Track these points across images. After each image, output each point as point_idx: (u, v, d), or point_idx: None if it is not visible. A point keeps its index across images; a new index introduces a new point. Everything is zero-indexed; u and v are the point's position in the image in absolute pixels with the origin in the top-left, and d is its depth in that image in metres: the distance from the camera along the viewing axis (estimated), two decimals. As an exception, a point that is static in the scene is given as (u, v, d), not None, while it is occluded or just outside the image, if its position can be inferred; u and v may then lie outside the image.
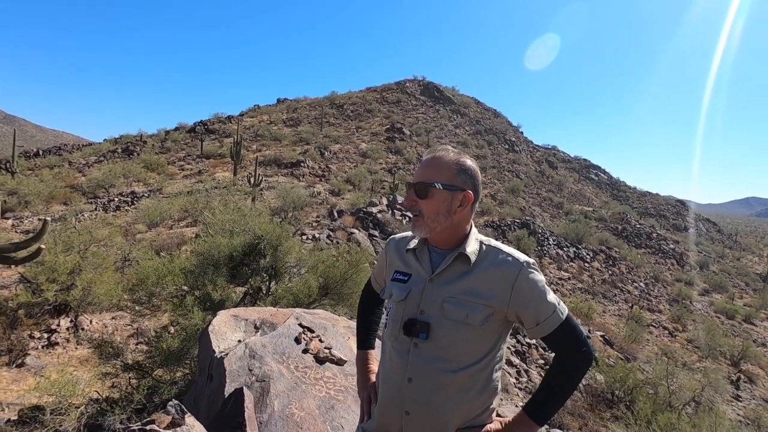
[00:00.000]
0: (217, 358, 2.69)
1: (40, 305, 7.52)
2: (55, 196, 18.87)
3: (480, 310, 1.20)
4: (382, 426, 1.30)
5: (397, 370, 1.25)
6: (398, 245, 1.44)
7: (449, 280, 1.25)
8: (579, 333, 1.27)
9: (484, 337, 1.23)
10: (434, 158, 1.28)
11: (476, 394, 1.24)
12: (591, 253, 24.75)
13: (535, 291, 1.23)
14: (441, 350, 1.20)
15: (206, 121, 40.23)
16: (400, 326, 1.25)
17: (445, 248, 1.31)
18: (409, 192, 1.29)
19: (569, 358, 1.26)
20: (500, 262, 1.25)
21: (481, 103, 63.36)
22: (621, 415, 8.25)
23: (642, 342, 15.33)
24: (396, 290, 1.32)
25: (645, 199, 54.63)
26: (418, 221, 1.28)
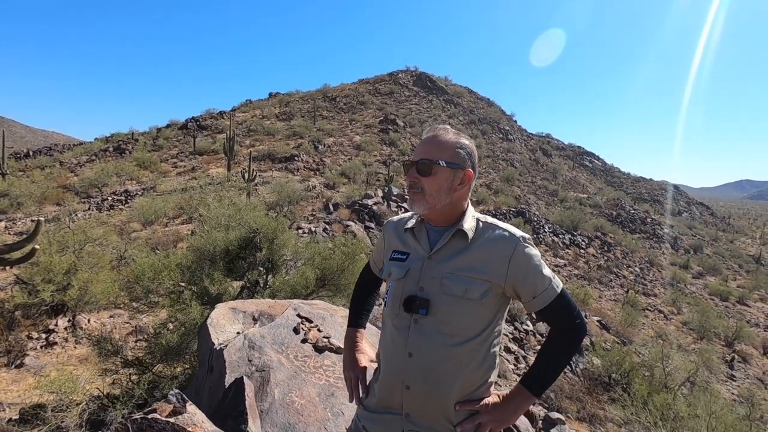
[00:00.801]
0: (217, 350, 2.71)
1: (37, 306, 7.49)
2: (47, 197, 18.70)
3: (478, 285, 1.23)
4: (383, 401, 1.32)
5: (397, 346, 1.27)
6: (396, 226, 1.46)
7: (448, 256, 1.28)
8: (573, 306, 1.32)
9: (482, 312, 1.26)
10: (435, 136, 1.30)
11: (475, 367, 1.27)
12: (586, 239, 24.92)
13: (531, 265, 1.26)
14: (441, 325, 1.23)
15: (198, 117, 39.88)
16: (400, 303, 1.27)
17: (442, 226, 1.34)
18: (410, 169, 1.31)
19: (565, 330, 1.30)
20: (497, 238, 1.29)
21: (474, 93, 63.21)
22: (618, 397, 8.38)
23: (638, 326, 15.53)
24: (395, 268, 1.34)
25: (639, 184, 54.98)
26: (418, 198, 1.29)
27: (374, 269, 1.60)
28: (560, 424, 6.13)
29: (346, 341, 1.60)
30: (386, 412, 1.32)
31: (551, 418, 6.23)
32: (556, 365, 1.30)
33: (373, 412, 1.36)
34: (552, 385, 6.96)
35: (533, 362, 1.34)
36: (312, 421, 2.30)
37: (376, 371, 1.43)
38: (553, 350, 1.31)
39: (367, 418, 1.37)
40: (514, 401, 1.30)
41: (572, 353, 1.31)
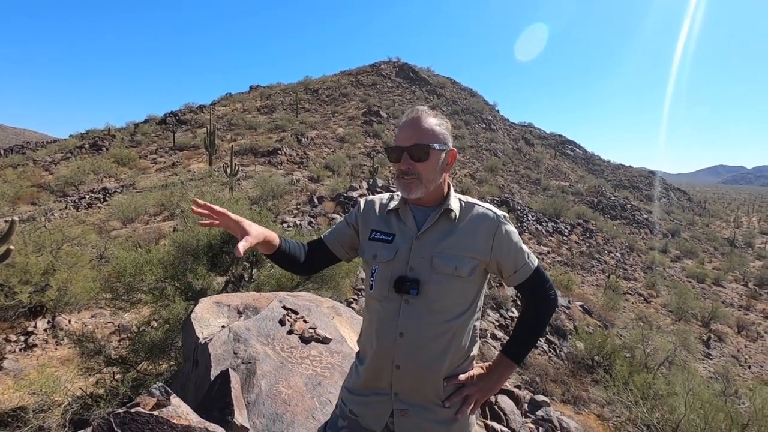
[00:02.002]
0: (202, 344, 2.68)
1: (14, 308, 7.29)
2: (21, 196, 18.11)
3: (467, 263, 1.27)
4: (370, 382, 1.33)
5: (387, 327, 1.28)
6: (376, 206, 1.44)
7: (436, 236, 1.30)
8: (547, 278, 1.40)
9: (469, 288, 1.30)
10: (420, 119, 1.30)
11: (462, 343, 1.31)
12: (569, 226, 25.38)
13: (513, 241, 1.33)
14: (432, 303, 1.25)
15: (177, 111, 38.99)
16: (389, 285, 1.28)
17: (428, 206, 1.36)
18: (401, 155, 1.28)
19: (541, 300, 1.38)
20: (481, 217, 1.33)
21: (457, 83, 63.27)
22: (600, 378, 8.62)
23: (619, 309, 15.94)
24: (381, 251, 1.33)
25: (619, 171, 56.08)
26: (415, 184, 1.29)
27: (332, 247, 1.47)
28: (545, 406, 6.28)
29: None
30: (373, 393, 1.33)
31: (537, 401, 6.38)
32: (533, 334, 1.39)
33: (360, 395, 1.36)
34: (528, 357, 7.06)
35: (512, 333, 1.42)
36: (300, 411, 2.30)
37: (359, 354, 1.44)
38: (531, 321, 1.38)
39: (353, 402, 1.37)
40: (497, 371, 1.37)
41: (547, 322, 1.39)
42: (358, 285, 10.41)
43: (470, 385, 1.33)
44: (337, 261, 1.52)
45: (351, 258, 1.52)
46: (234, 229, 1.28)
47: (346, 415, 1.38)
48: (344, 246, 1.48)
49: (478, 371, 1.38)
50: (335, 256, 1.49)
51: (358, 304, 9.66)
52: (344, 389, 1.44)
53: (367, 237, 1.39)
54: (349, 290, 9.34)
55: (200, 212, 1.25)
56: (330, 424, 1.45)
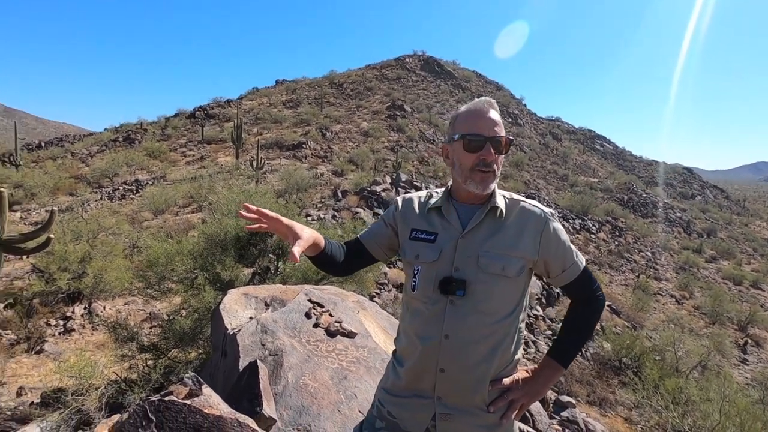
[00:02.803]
0: (230, 335, 2.74)
1: (54, 294, 7.67)
2: (60, 187, 18.97)
3: (515, 262, 1.23)
4: (412, 384, 1.29)
5: (431, 329, 1.24)
6: (416, 204, 1.39)
7: (482, 234, 1.26)
8: (595, 279, 1.35)
9: (516, 288, 1.26)
10: (493, 111, 1.26)
11: (509, 345, 1.27)
12: (597, 224, 24.69)
13: (561, 240, 1.28)
14: (479, 304, 1.21)
15: (205, 106, 39.92)
16: (434, 286, 1.24)
17: (473, 204, 1.31)
18: (485, 146, 1.23)
19: (589, 301, 1.33)
20: (528, 214, 1.28)
21: (483, 77, 62.28)
22: (628, 381, 8.38)
23: (649, 310, 15.45)
24: (425, 250, 1.28)
25: (651, 168, 54.07)
26: (491, 177, 1.25)
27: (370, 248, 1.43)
28: (571, 407, 6.15)
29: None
30: (414, 395, 1.29)
31: (562, 402, 6.26)
32: (581, 337, 1.33)
33: (399, 396, 1.32)
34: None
35: (558, 336, 1.36)
36: (326, 404, 2.32)
37: (396, 354, 1.39)
38: (578, 322, 1.34)
39: (392, 403, 1.33)
40: (544, 374, 1.32)
41: (595, 324, 1.34)
42: (381, 279, 10.45)
43: (516, 390, 1.29)
44: (374, 261, 1.47)
45: (389, 258, 1.48)
46: (286, 234, 1.24)
47: (384, 416, 1.34)
48: (382, 246, 1.43)
49: (524, 375, 1.33)
50: (372, 257, 1.44)
51: (380, 299, 9.69)
52: (381, 389, 1.40)
53: (408, 236, 1.34)
54: (373, 284, 9.38)
55: (249, 216, 1.22)
56: (366, 425, 1.41)
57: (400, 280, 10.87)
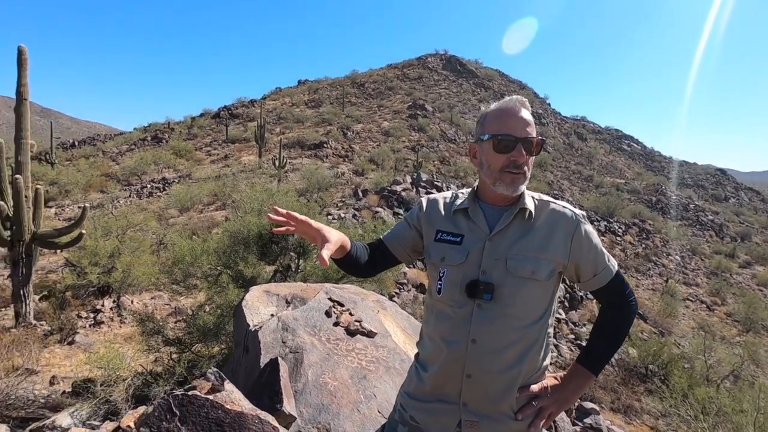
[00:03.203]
0: (252, 331, 2.77)
1: (85, 287, 7.97)
2: (92, 185, 19.70)
3: (545, 265, 1.19)
4: (436, 389, 1.26)
5: (458, 333, 1.21)
6: (441, 205, 1.36)
7: (510, 237, 1.22)
8: (627, 283, 1.29)
9: (545, 292, 1.22)
10: (525, 110, 1.22)
11: (537, 351, 1.23)
12: (623, 226, 24.02)
13: (593, 243, 1.24)
14: (507, 308, 1.18)
15: (230, 106, 40.76)
16: (461, 289, 1.21)
17: (501, 205, 1.27)
18: (516, 147, 1.19)
19: (621, 307, 1.28)
20: (558, 216, 1.24)
21: (506, 76, 61.41)
22: (655, 389, 8.11)
23: (677, 316, 14.93)
24: (451, 252, 1.25)
25: (681, 169, 52.20)
26: (521, 178, 1.21)
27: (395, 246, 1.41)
28: (594, 414, 6.00)
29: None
30: (439, 401, 1.26)
31: (585, 408, 6.11)
32: (613, 343, 1.28)
33: (423, 401, 1.29)
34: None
35: (588, 341, 1.31)
36: (345, 403, 2.32)
37: (419, 358, 1.36)
38: (610, 328, 1.29)
39: (415, 408, 1.30)
40: (574, 382, 1.27)
41: (627, 331, 1.28)
42: (400, 279, 10.43)
43: (544, 397, 1.24)
44: (397, 263, 1.44)
45: (412, 260, 1.44)
46: (314, 237, 1.22)
47: (406, 421, 1.32)
48: (405, 248, 1.40)
49: (552, 382, 1.28)
50: (396, 258, 1.42)
51: (400, 299, 9.68)
52: (404, 393, 1.37)
53: (433, 238, 1.31)
54: (392, 284, 9.37)
55: (278, 219, 1.21)
56: (388, 429, 1.38)
57: (419, 281, 10.82)
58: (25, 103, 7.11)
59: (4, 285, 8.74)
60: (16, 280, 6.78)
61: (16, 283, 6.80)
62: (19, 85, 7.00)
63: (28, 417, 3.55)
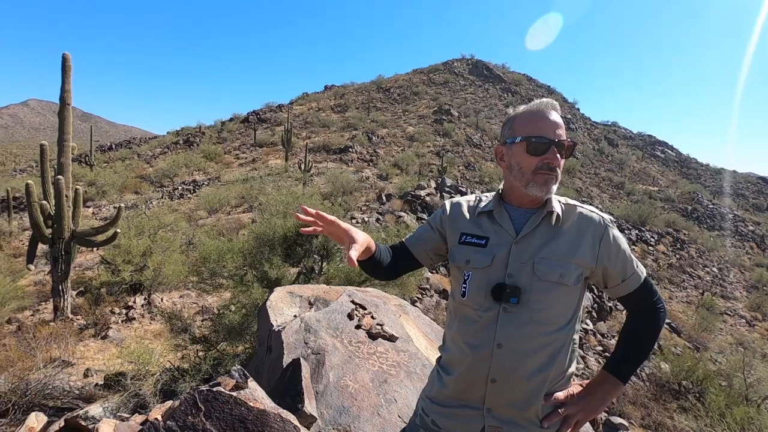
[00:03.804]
0: (275, 331, 2.82)
1: (118, 284, 8.29)
2: (127, 186, 20.53)
3: (573, 270, 1.18)
4: (459, 394, 1.25)
5: (482, 338, 1.19)
6: (465, 207, 1.35)
7: (538, 240, 1.21)
8: (656, 290, 1.26)
9: (572, 297, 1.20)
10: (555, 113, 1.23)
11: (563, 357, 1.20)
12: (656, 235, 23.13)
13: (621, 248, 1.22)
14: (534, 313, 1.16)
15: (258, 110, 41.71)
16: (486, 292, 1.19)
17: (527, 207, 1.26)
18: (550, 149, 1.19)
19: (650, 314, 1.25)
20: (586, 220, 1.23)
21: (534, 80, 60.47)
22: (689, 406, 7.74)
23: (714, 331, 14.23)
24: (476, 255, 1.24)
25: (720, 177, 49.88)
26: (553, 179, 1.21)
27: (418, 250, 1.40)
28: (623, 429, 5.78)
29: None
30: (462, 406, 1.24)
31: (613, 423, 5.89)
32: (642, 350, 1.25)
33: (445, 406, 1.27)
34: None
35: (616, 349, 1.28)
36: (365, 406, 2.32)
37: (442, 362, 1.34)
38: (638, 335, 1.25)
39: (438, 413, 1.29)
40: (601, 390, 1.24)
41: (656, 338, 1.25)
42: (423, 284, 10.37)
43: (571, 405, 1.21)
44: (420, 266, 1.43)
45: (434, 264, 1.44)
46: (341, 237, 1.23)
47: (428, 426, 1.30)
48: (428, 251, 1.39)
49: (578, 389, 1.26)
50: (418, 262, 1.41)
51: (422, 303, 9.62)
52: (425, 398, 1.35)
53: (457, 241, 1.30)
54: (415, 289, 9.33)
55: (306, 219, 1.21)
56: None
57: (442, 286, 10.72)
58: (67, 108, 7.49)
59: (45, 280, 9.20)
60: (56, 276, 7.13)
61: (55, 278, 7.14)
62: (62, 91, 7.39)
63: (63, 407, 3.72)
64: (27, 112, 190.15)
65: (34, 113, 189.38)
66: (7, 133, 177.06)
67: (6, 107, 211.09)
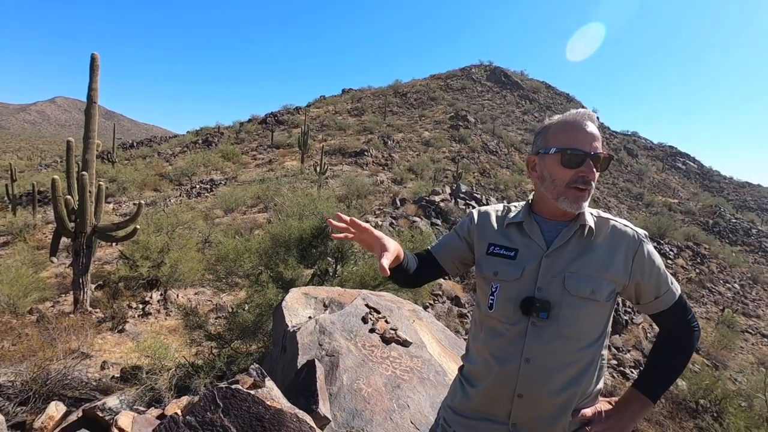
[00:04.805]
0: (290, 332, 2.84)
1: (136, 279, 8.46)
2: (147, 183, 20.98)
3: (606, 285, 1.15)
4: (484, 407, 1.23)
5: (510, 352, 1.17)
6: (494, 217, 1.33)
7: (569, 254, 1.18)
8: (690, 308, 1.23)
9: (603, 313, 1.18)
10: (592, 125, 1.20)
11: (592, 374, 1.18)
12: (675, 249, 22.61)
13: (656, 264, 1.19)
14: (564, 329, 1.14)
15: (276, 112, 42.21)
16: (515, 305, 1.17)
17: (559, 220, 1.23)
18: (586, 162, 1.16)
19: (684, 333, 1.22)
20: (620, 234, 1.20)
21: (552, 88, 59.91)
22: (707, 426, 7.53)
23: (735, 349, 13.81)
24: (505, 267, 1.21)
25: (743, 190, 48.55)
26: (586, 195, 1.17)
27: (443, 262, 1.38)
28: (637, 446, 5.64)
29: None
30: (486, 419, 1.23)
31: (627, 439, 5.75)
32: (674, 369, 1.21)
33: (468, 418, 1.26)
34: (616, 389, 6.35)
35: (646, 366, 1.25)
36: (378, 410, 2.32)
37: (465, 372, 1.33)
38: (672, 353, 1.22)
39: (460, 424, 1.27)
40: (631, 408, 1.20)
41: (689, 357, 1.22)
42: (435, 290, 10.33)
43: (598, 422, 1.19)
44: (444, 275, 1.41)
45: (459, 272, 1.42)
46: (372, 245, 1.23)
47: None
48: (454, 259, 1.37)
49: (606, 407, 1.23)
50: (443, 270, 1.39)
51: (434, 309, 9.58)
52: (447, 408, 1.34)
53: (485, 251, 1.27)
54: (428, 295, 9.30)
55: (338, 225, 1.22)
56: None
57: (454, 293, 10.66)
58: (94, 106, 7.71)
59: (66, 273, 9.44)
60: (77, 269, 7.31)
61: (76, 271, 7.32)
62: (90, 89, 7.60)
63: (81, 397, 3.80)
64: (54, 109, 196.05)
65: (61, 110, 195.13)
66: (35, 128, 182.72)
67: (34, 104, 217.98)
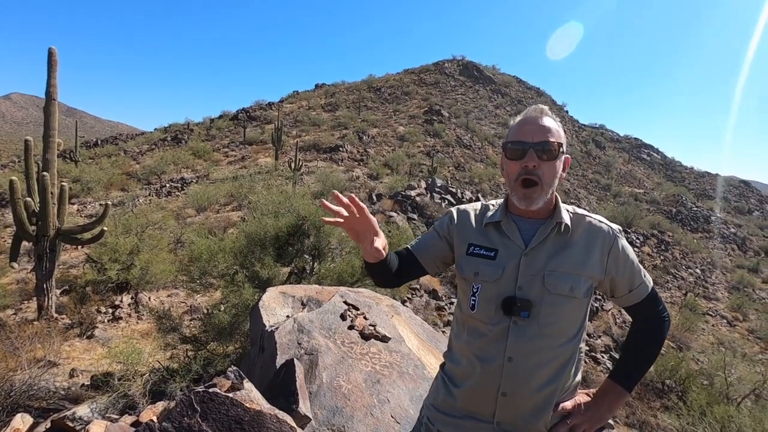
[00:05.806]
0: (268, 332, 2.82)
1: (104, 283, 8.16)
2: (113, 183, 20.17)
3: (583, 282, 1.18)
4: (468, 406, 1.24)
5: (493, 351, 1.18)
6: (472, 217, 1.33)
7: (547, 252, 1.20)
8: (661, 300, 1.28)
9: (581, 309, 1.21)
10: (546, 118, 1.20)
11: (571, 367, 1.21)
12: (641, 237, 23.55)
13: (629, 258, 1.23)
14: (544, 327, 1.16)
15: (248, 108, 41.30)
16: (496, 305, 1.18)
17: (535, 218, 1.24)
18: (528, 153, 1.16)
19: (656, 324, 1.26)
20: (595, 230, 1.23)
21: (523, 82, 60.97)
22: (672, 405, 7.92)
23: (696, 331, 14.54)
24: (485, 268, 1.22)
25: (703, 180, 50.99)
26: (536, 190, 1.18)
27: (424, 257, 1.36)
28: (608, 428, 5.88)
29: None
30: (470, 417, 1.23)
31: (599, 422, 5.99)
32: (646, 359, 1.26)
33: (452, 417, 1.26)
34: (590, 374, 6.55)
35: (620, 358, 1.30)
36: (358, 406, 2.34)
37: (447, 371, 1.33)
38: (644, 344, 1.27)
39: (443, 423, 1.27)
40: (608, 399, 1.25)
41: (661, 347, 1.27)
42: (413, 284, 10.41)
43: (577, 414, 1.22)
44: (425, 274, 1.41)
45: (440, 272, 1.45)
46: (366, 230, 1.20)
47: None
48: (435, 259, 1.36)
49: (585, 399, 1.26)
50: (423, 269, 1.38)
51: (412, 304, 9.66)
52: (430, 406, 1.34)
53: (465, 252, 1.28)
54: (405, 289, 9.36)
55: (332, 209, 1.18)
56: None
57: (432, 287, 10.77)
58: (53, 103, 7.35)
59: (28, 278, 9.01)
60: (40, 274, 6.99)
61: (39, 276, 7.00)
62: (48, 86, 7.24)
63: (50, 408, 3.66)
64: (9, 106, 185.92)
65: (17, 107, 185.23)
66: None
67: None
